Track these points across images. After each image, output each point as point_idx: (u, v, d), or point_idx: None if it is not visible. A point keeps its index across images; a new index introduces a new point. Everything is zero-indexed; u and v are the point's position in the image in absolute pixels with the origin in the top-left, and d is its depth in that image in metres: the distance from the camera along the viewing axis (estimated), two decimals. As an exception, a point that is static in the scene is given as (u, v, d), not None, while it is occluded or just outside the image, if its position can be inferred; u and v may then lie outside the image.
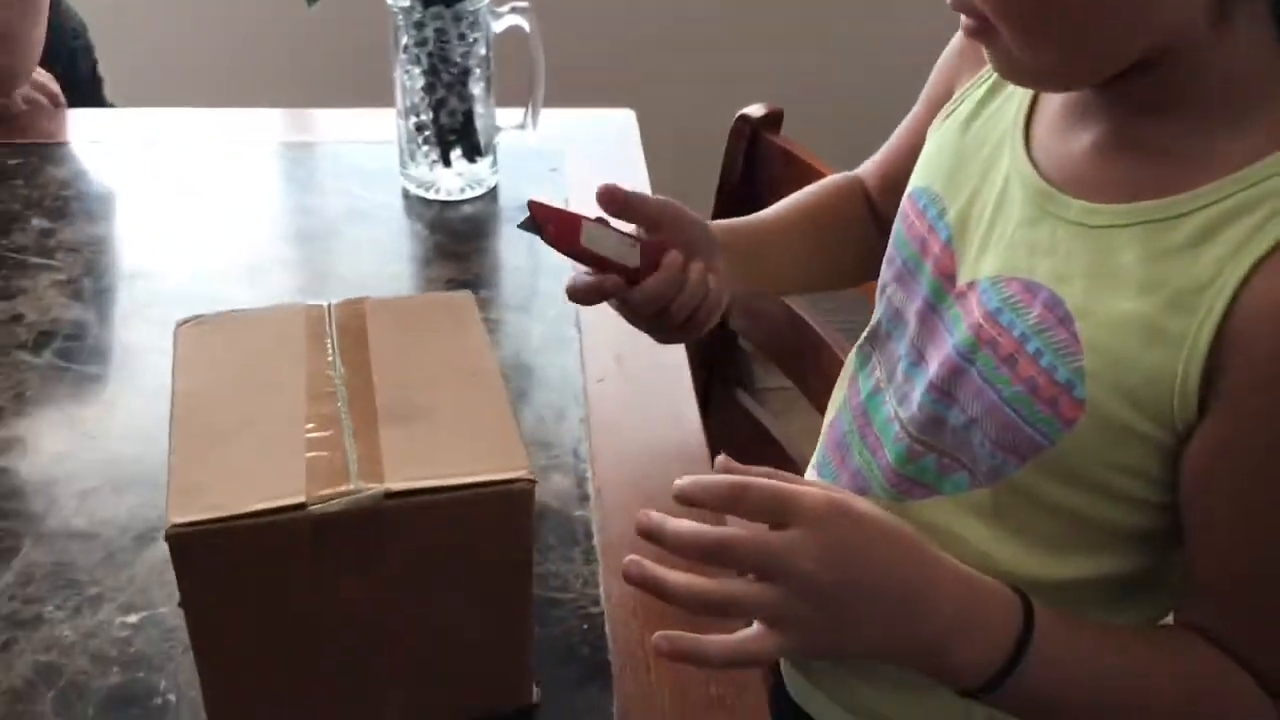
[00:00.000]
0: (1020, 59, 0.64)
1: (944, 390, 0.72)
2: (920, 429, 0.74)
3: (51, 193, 1.14)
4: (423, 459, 0.60)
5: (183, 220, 1.12)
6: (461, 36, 1.08)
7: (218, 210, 1.14)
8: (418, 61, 1.09)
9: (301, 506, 0.57)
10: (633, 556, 0.59)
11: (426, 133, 1.12)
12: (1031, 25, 0.62)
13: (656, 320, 0.78)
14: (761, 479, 0.58)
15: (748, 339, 1.30)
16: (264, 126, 1.30)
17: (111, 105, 1.49)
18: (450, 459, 0.60)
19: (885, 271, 0.81)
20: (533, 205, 0.74)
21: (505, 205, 1.16)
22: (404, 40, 1.08)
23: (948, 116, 0.79)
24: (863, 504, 0.60)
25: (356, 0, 1.22)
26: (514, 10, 1.11)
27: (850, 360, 0.86)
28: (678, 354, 0.97)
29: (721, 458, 0.62)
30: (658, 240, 0.77)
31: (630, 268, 0.76)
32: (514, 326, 0.99)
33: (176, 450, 0.61)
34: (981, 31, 0.64)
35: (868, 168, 0.95)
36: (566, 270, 1.05)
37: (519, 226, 0.75)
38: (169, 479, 0.59)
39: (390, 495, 0.57)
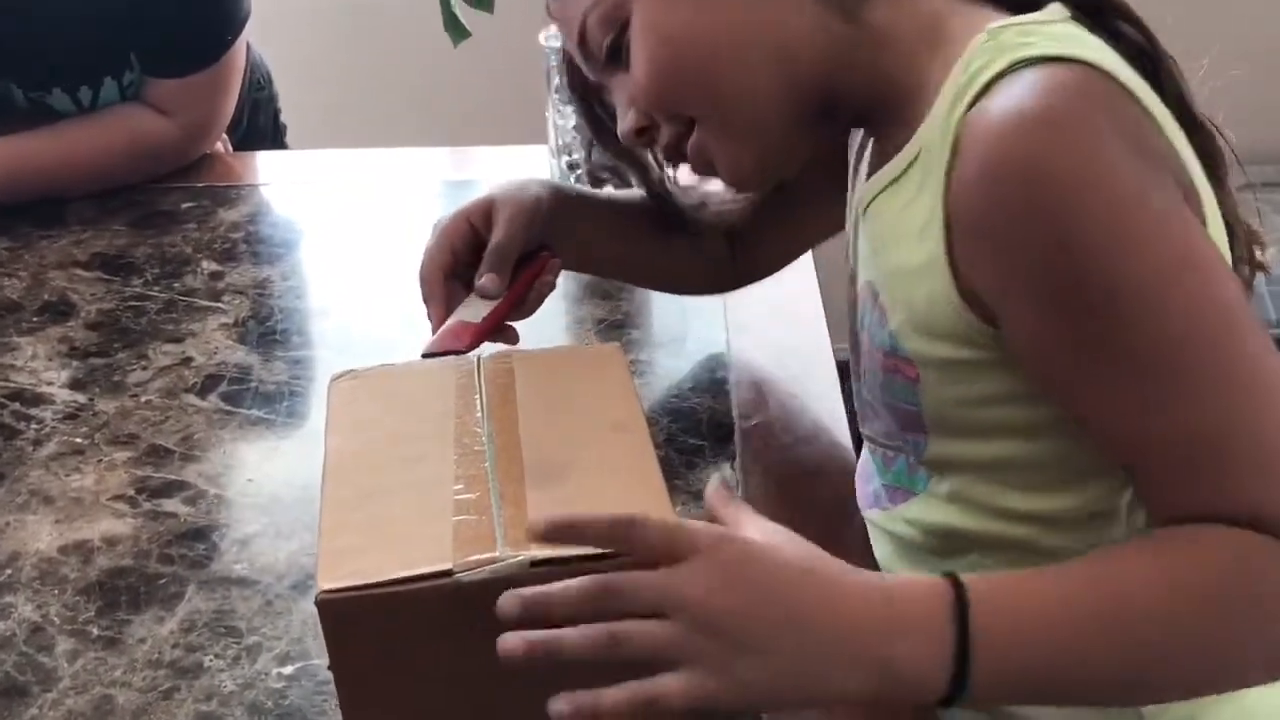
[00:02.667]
0: (732, 155, 0.73)
1: (868, 403, 0.78)
2: (879, 437, 0.78)
3: (221, 235, 1.18)
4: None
5: (346, 262, 1.15)
6: (613, 75, 1.08)
7: (379, 252, 1.16)
8: (570, 101, 1.09)
9: (448, 574, 0.56)
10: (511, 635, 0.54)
11: (579, 172, 1.12)
12: (705, 101, 0.71)
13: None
14: (650, 516, 0.56)
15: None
16: (422, 165, 1.32)
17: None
18: None
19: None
20: (430, 357, 0.78)
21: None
22: (556, 80, 1.09)
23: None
24: (758, 537, 0.59)
25: (511, 40, 1.23)
26: (665, 46, 1.10)
27: None
28: (832, 397, 0.95)
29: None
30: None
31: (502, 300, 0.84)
32: (663, 367, 0.98)
33: (327, 510, 0.62)
34: (700, 162, 0.74)
35: None
36: (717, 310, 1.05)
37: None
38: (319, 540, 0.60)
39: (535, 564, 0.57)
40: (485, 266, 0.82)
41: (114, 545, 0.82)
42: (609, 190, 1.00)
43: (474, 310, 0.81)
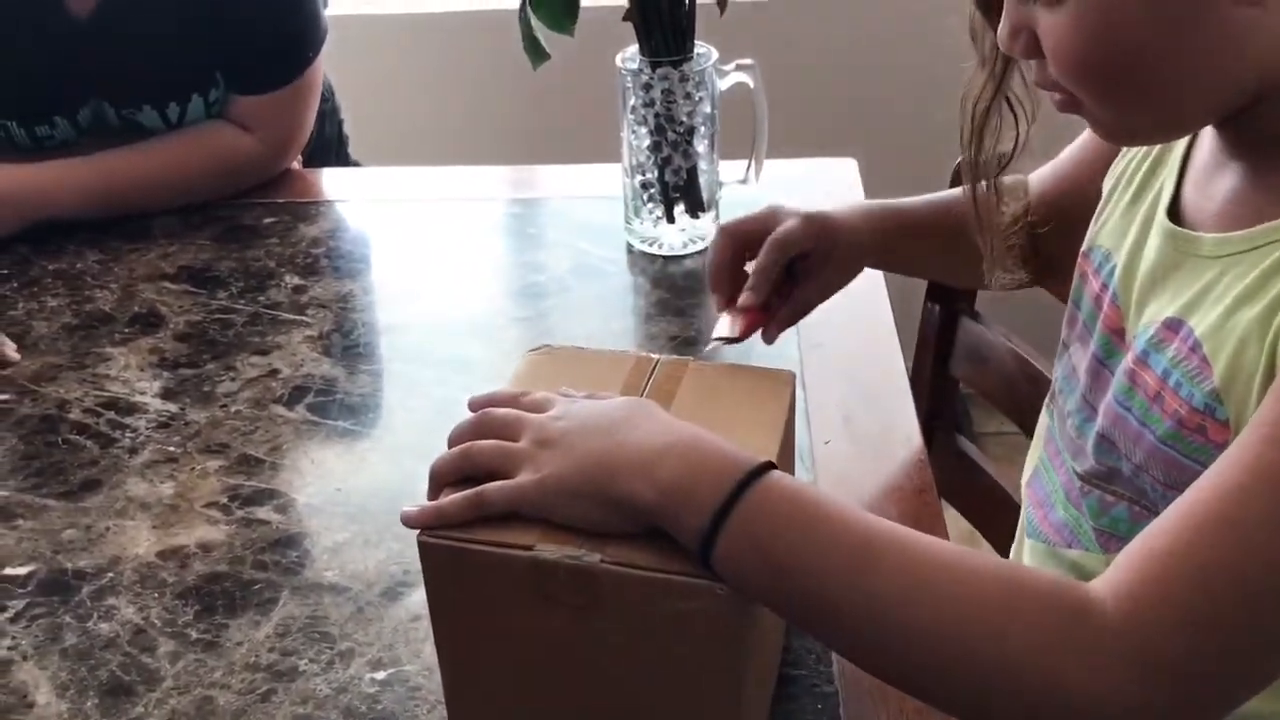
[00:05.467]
0: (1116, 125, 0.68)
1: (1111, 440, 0.73)
2: (1103, 479, 0.75)
3: (303, 250, 1.21)
4: (654, 538, 0.61)
5: (421, 276, 1.18)
6: (688, 96, 1.10)
7: (454, 266, 1.19)
8: (644, 121, 1.11)
9: (528, 548, 0.61)
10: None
11: (652, 190, 1.15)
12: (1118, 95, 0.65)
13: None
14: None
15: (972, 386, 1.26)
16: (495, 183, 1.35)
17: (356, 163, 1.58)
18: (678, 548, 0.61)
19: (1065, 329, 0.83)
20: (722, 342, 0.88)
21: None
22: (631, 101, 1.11)
23: (1122, 172, 0.80)
24: None
25: (585, 62, 1.26)
26: (739, 68, 1.12)
27: (1042, 417, 0.87)
28: (907, 414, 0.96)
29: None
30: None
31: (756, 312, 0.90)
32: (739, 385, 1.00)
33: None
34: (1071, 104, 0.68)
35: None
36: (793, 327, 1.06)
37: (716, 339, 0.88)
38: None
39: (605, 562, 0.60)
40: (747, 284, 0.88)
41: (209, 551, 0.85)
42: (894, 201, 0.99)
43: (728, 325, 0.88)
